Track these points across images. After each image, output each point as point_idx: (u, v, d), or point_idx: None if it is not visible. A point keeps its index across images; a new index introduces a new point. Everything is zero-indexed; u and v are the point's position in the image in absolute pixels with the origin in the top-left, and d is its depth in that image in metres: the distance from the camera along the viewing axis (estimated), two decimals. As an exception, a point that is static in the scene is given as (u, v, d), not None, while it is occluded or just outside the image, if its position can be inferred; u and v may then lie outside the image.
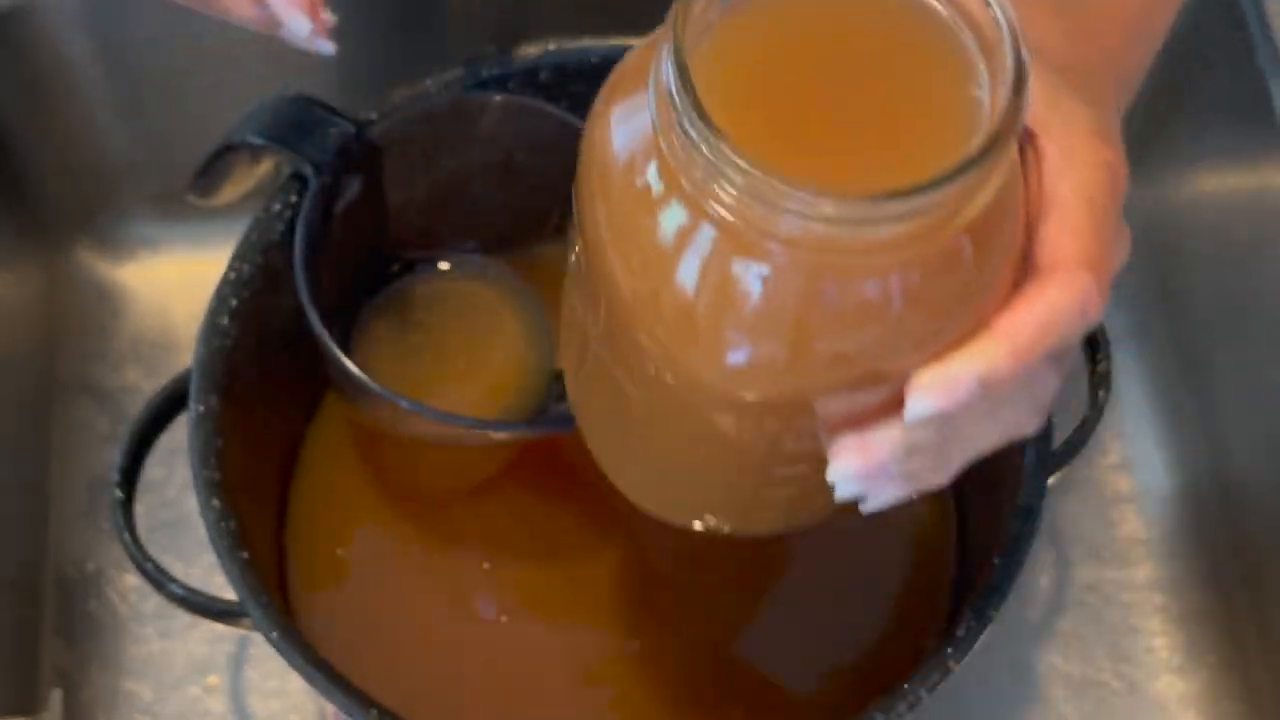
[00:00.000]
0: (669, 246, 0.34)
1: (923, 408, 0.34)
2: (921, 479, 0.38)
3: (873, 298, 0.34)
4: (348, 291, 0.57)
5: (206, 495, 0.50)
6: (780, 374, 0.35)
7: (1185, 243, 0.70)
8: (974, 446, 0.38)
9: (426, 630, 0.57)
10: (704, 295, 0.34)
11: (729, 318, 0.34)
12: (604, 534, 0.58)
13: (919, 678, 0.47)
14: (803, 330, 0.34)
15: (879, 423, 0.36)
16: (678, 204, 0.34)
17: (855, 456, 0.36)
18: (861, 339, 0.34)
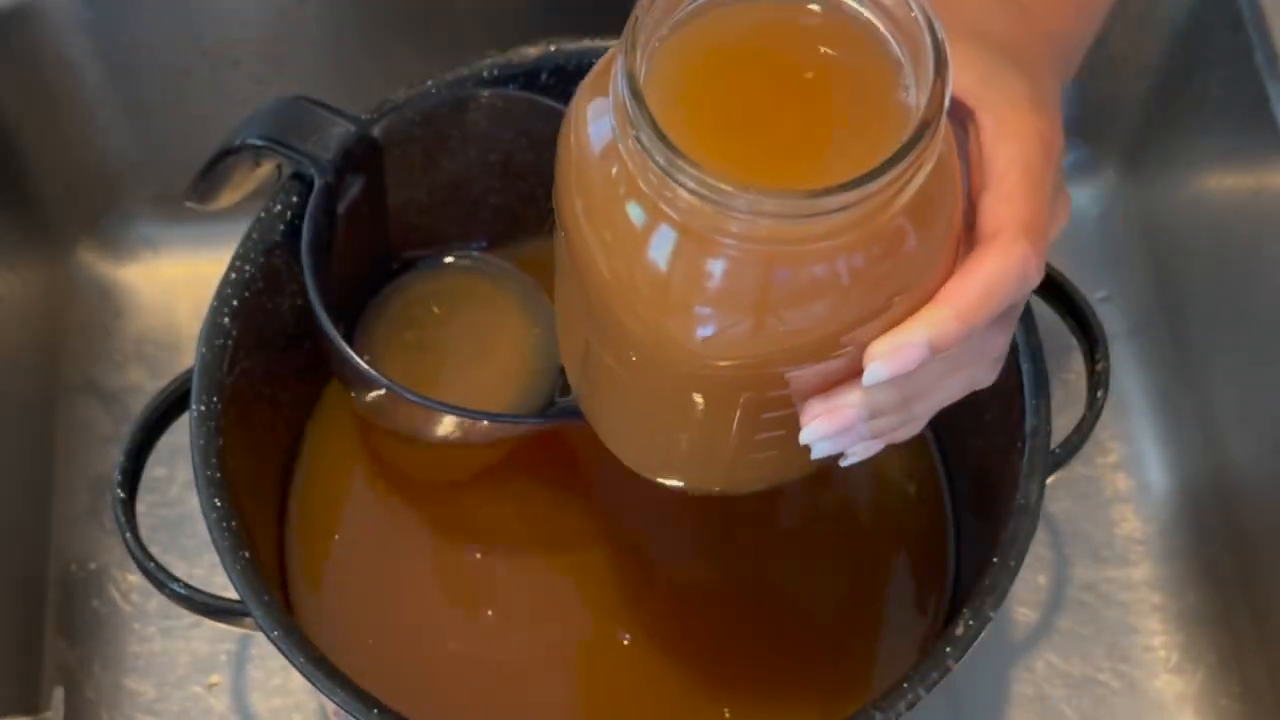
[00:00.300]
0: (637, 238, 0.37)
1: (878, 373, 0.38)
2: (891, 434, 0.41)
3: (824, 279, 0.37)
4: (351, 290, 0.57)
5: (208, 495, 0.50)
6: (746, 350, 0.38)
7: (1184, 243, 0.70)
8: (935, 401, 0.41)
9: (428, 628, 0.57)
10: (672, 280, 0.37)
11: (696, 299, 0.37)
12: (607, 530, 0.59)
13: (918, 676, 0.47)
14: (763, 310, 0.37)
15: (843, 388, 0.40)
16: (638, 203, 0.37)
17: (823, 420, 0.40)
18: (817, 316, 0.37)
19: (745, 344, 0.38)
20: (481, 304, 0.59)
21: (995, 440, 0.54)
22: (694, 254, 0.37)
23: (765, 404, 0.41)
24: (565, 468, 0.59)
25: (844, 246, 0.36)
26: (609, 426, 0.47)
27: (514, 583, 0.58)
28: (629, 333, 0.39)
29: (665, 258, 0.37)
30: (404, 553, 0.58)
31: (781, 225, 0.35)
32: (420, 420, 0.54)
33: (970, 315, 0.38)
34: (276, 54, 0.69)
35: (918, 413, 0.41)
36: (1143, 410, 0.70)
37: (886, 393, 0.39)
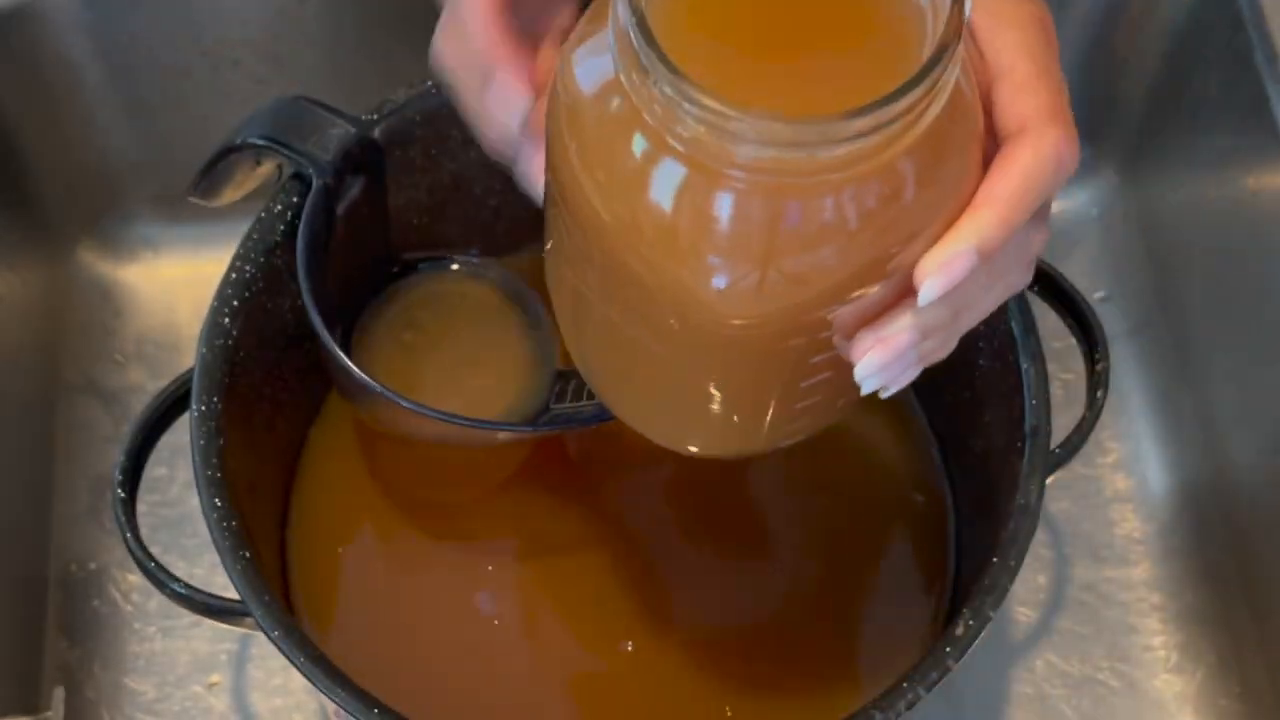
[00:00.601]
0: (641, 176, 0.36)
1: (932, 290, 0.37)
2: (933, 355, 0.40)
3: (864, 207, 0.36)
4: (349, 292, 0.57)
5: (208, 495, 0.50)
6: (789, 296, 0.37)
7: (1183, 243, 0.70)
8: (978, 313, 0.40)
9: (428, 629, 0.57)
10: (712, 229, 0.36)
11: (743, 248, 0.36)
12: (605, 533, 0.59)
13: (918, 676, 0.47)
14: (808, 247, 0.36)
15: (891, 315, 0.38)
16: (643, 137, 0.36)
17: (877, 351, 0.39)
18: (861, 246, 0.36)
19: (787, 291, 0.37)
20: (480, 307, 0.59)
21: (995, 440, 0.54)
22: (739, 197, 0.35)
23: (810, 349, 0.40)
24: (564, 471, 0.59)
25: (873, 172, 0.35)
26: (629, 399, 0.46)
27: (514, 583, 0.58)
28: (669, 299, 0.38)
29: (673, 194, 0.36)
30: (404, 553, 0.58)
31: (813, 154, 0.34)
32: (414, 425, 0.54)
33: (1013, 214, 0.37)
34: (276, 54, 0.69)
35: (961, 327, 0.40)
36: (1143, 410, 0.70)
37: (937, 311, 0.39)
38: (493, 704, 0.56)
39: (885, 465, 0.61)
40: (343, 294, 0.55)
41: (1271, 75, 0.62)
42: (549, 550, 0.58)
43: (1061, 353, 0.68)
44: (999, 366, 0.54)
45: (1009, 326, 0.53)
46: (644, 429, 0.47)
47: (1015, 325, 0.53)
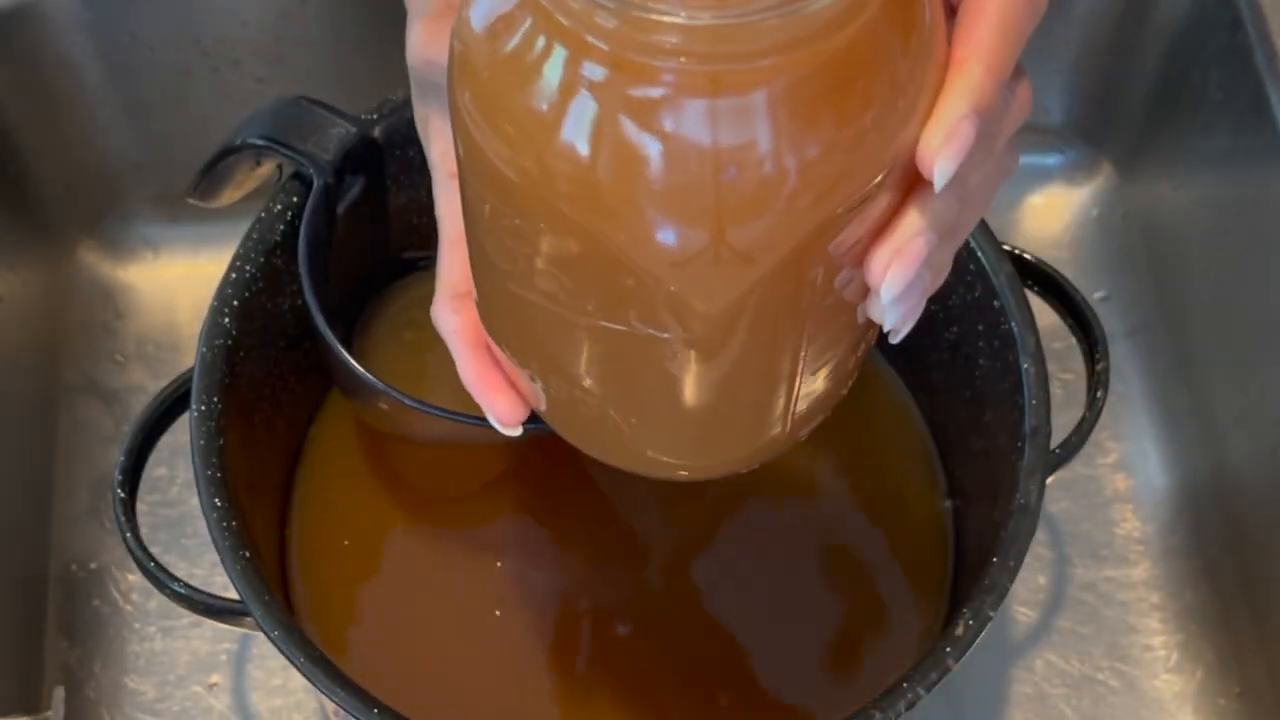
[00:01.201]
0: (564, 100, 0.31)
1: (948, 167, 0.33)
2: (939, 276, 0.37)
3: (841, 88, 0.32)
4: (350, 291, 0.57)
5: (208, 495, 0.50)
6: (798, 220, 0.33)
7: (1183, 244, 0.70)
8: (980, 206, 0.38)
9: (429, 628, 0.57)
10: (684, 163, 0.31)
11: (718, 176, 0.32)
12: (606, 529, 0.59)
13: (918, 676, 0.47)
14: (796, 147, 0.31)
15: (899, 222, 0.35)
16: (560, 46, 0.31)
17: (898, 264, 0.35)
18: (852, 133, 0.32)
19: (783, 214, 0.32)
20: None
21: (995, 440, 0.54)
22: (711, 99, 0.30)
23: (819, 294, 0.35)
24: (564, 468, 0.59)
25: (853, 39, 0.31)
26: (637, 420, 0.40)
27: (513, 582, 0.58)
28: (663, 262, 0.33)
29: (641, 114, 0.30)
30: (404, 552, 0.58)
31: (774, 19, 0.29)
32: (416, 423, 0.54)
33: (997, 64, 0.34)
34: (276, 54, 0.69)
35: (963, 229, 0.37)
36: (1143, 410, 0.70)
37: (946, 201, 0.35)
38: (493, 701, 0.56)
39: (885, 465, 0.61)
40: (343, 293, 0.55)
41: (1271, 75, 0.62)
42: (551, 547, 0.58)
43: (1061, 353, 0.68)
44: (999, 366, 0.54)
45: (1009, 326, 0.53)
46: (645, 459, 0.42)
47: (1015, 325, 0.53)
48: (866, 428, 0.61)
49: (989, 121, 0.35)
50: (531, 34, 0.32)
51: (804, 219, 0.33)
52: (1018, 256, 0.56)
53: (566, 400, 0.41)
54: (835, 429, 0.61)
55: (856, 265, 0.35)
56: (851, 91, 0.32)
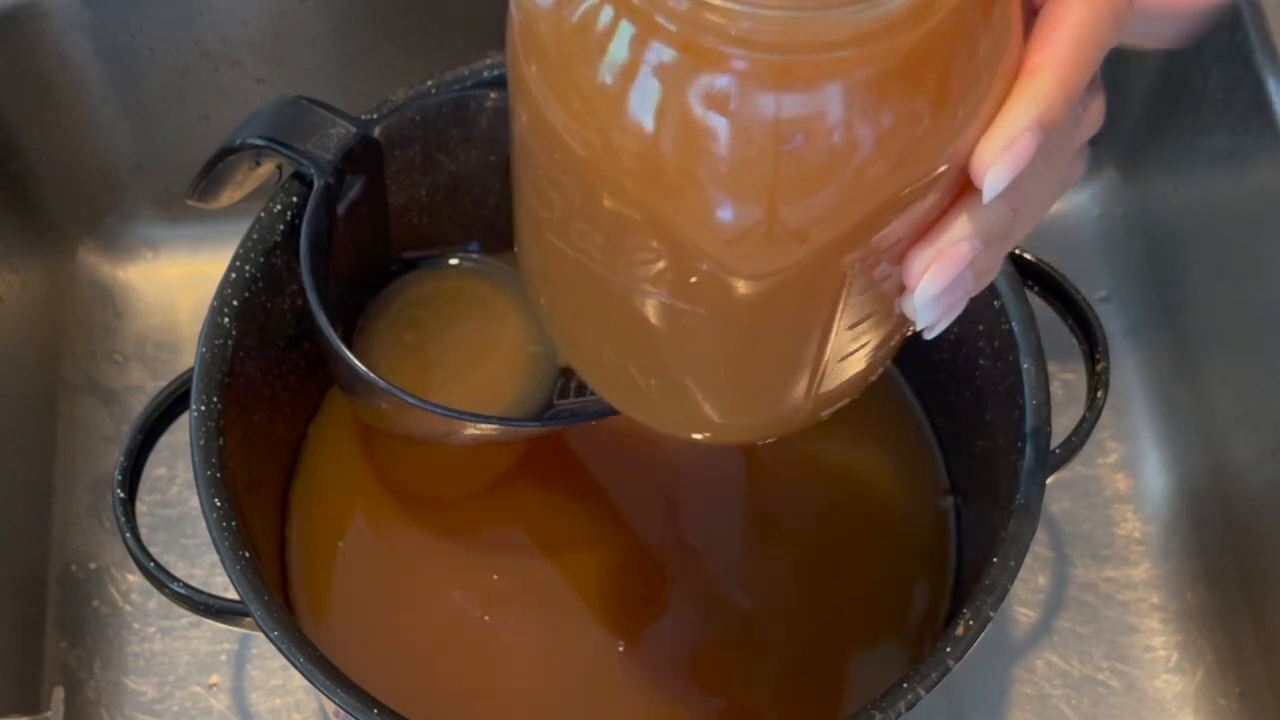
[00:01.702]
0: (629, 78, 0.31)
1: (999, 180, 0.32)
2: (984, 276, 0.36)
3: (906, 87, 0.31)
4: (350, 291, 0.57)
5: (208, 495, 0.50)
6: (839, 210, 0.32)
7: (1183, 243, 0.70)
8: (1034, 213, 0.36)
9: (429, 629, 0.57)
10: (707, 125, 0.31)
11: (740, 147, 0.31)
12: (607, 531, 0.59)
13: (918, 676, 0.47)
14: (855, 140, 0.31)
15: (945, 224, 0.34)
16: (629, 24, 0.31)
17: (937, 269, 0.34)
18: (912, 131, 0.32)
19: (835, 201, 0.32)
20: (481, 305, 0.59)
21: (995, 440, 0.54)
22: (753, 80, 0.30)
23: (858, 276, 0.35)
24: (565, 469, 0.59)
25: (916, 41, 0.30)
26: (633, 385, 0.40)
27: (514, 583, 0.58)
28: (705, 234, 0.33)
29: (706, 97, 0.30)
30: (405, 553, 0.58)
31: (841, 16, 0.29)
32: (417, 422, 0.54)
33: (1070, 77, 0.32)
34: (276, 54, 0.69)
35: (1016, 234, 0.35)
36: (1143, 410, 0.70)
37: (997, 210, 0.34)
38: (493, 700, 0.56)
39: (885, 465, 0.61)
40: (343, 293, 0.55)
41: (1271, 75, 0.61)
42: (550, 548, 0.58)
43: (1061, 353, 0.68)
44: (999, 366, 0.54)
45: (1009, 326, 0.53)
46: (667, 418, 0.42)
47: (1015, 325, 0.53)
48: (867, 427, 0.61)
49: (1054, 136, 0.33)
50: (598, 9, 0.31)
51: (852, 212, 0.32)
52: (1018, 256, 0.56)
53: (593, 351, 0.41)
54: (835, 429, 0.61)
55: (898, 261, 0.35)
56: (918, 90, 0.31)
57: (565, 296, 0.40)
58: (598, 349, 0.41)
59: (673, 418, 0.42)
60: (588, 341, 0.41)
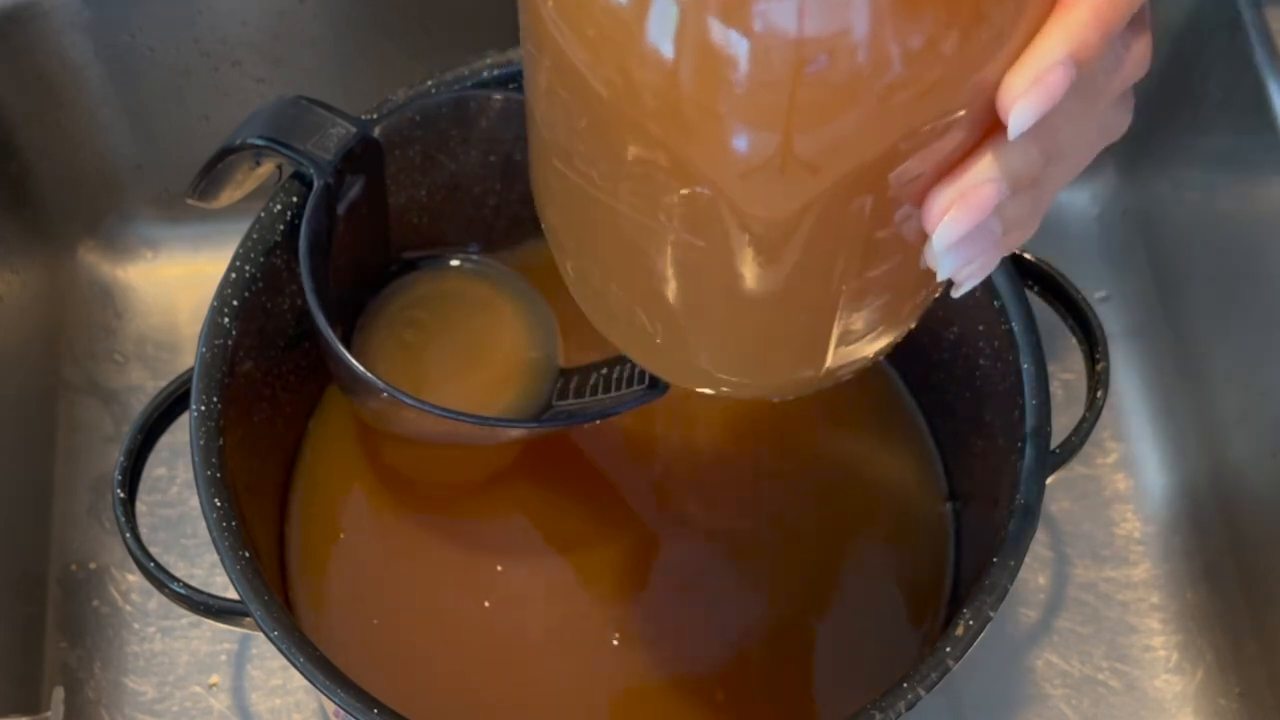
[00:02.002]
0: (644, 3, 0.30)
1: (1025, 115, 0.30)
2: (1016, 233, 0.34)
3: (937, 6, 0.30)
4: (350, 291, 0.57)
5: (208, 495, 0.50)
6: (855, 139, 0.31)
7: (1183, 243, 0.70)
8: (1071, 163, 0.34)
9: (429, 628, 0.57)
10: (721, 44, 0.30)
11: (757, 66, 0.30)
12: (608, 529, 0.59)
13: (918, 676, 0.47)
14: (879, 57, 0.30)
15: (969, 164, 0.32)
16: None
17: (958, 211, 0.32)
18: (934, 62, 0.30)
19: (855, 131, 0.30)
20: (481, 306, 0.59)
21: (995, 440, 0.54)
22: None
23: (875, 216, 0.33)
24: (565, 468, 0.59)
25: None
26: (641, 330, 0.39)
27: (514, 583, 0.58)
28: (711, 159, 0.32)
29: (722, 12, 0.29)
30: (404, 553, 0.58)
31: None
32: (417, 423, 0.54)
33: (1108, 11, 0.30)
34: (276, 54, 0.69)
35: (1050, 186, 0.34)
36: (1142, 410, 0.70)
37: (1025, 152, 0.32)
38: (493, 700, 0.56)
39: (885, 465, 0.61)
40: (343, 293, 0.55)
41: (1271, 75, 0.61)
42: (550, 548, 0.58)
43: (1061, 353, 0.68)
44: (999, 366, 0.54)
45: (1009, 326, 0.53)
46: (677, 367, 0.41)
47: (1015, 325, 0.53)
48: (866, 428, 0.61)
49: (1090, 74, 0.31)
50: None
51: (872, 144, 0.31)
52: (1018, 256, 0.56)
53: (600, 291, 0.40)
54: (835, 429, 0.61)
55: (918, 204, 0.33)
56: (949, 10, 0.30)
57: (576, 232, 0.39)
58: (606, 288, 0.39)
59: (680, 367, 0.41)
60: (597, 281, 0.39)
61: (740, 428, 0.61)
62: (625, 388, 0.53)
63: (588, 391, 0.55)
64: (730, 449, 0.60)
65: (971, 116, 0.32)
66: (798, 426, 0.61)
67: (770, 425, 0.61)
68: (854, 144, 0.31)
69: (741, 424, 0.61)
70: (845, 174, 0.32)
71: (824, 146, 0.31)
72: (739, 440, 0.61)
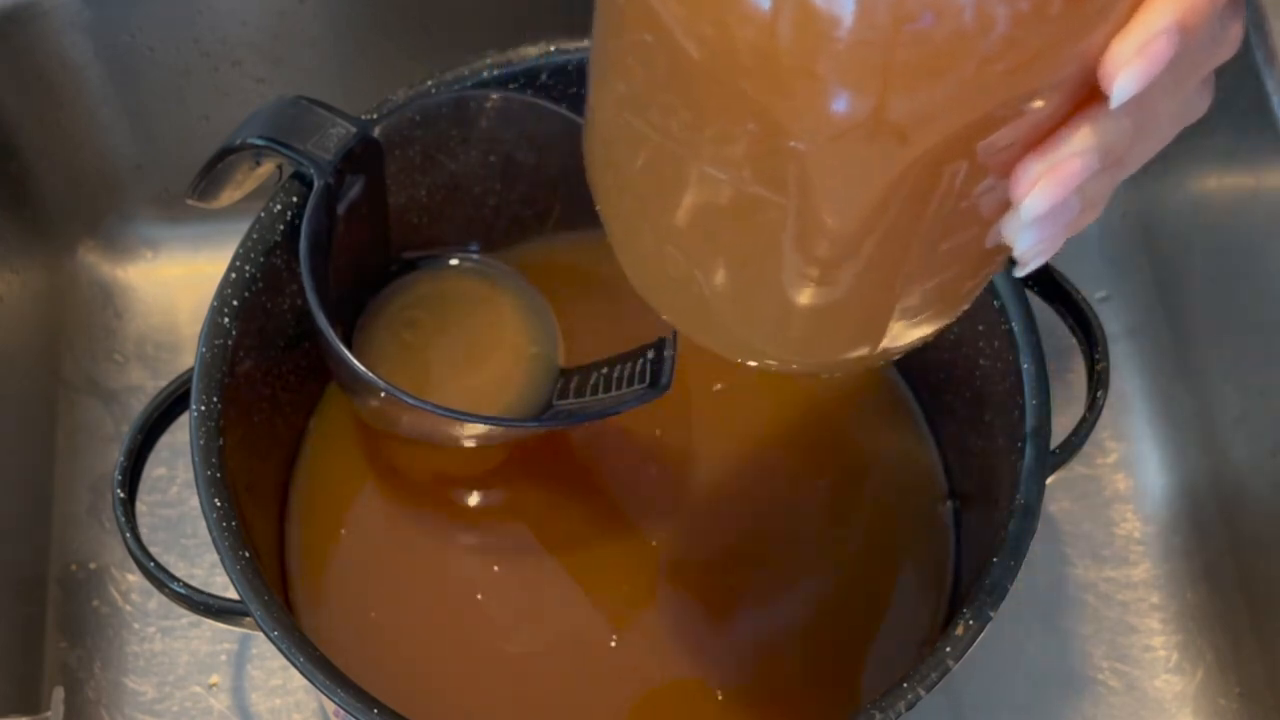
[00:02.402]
0: None
1: (1131, 83, 0.30)
2: (1093, 207, 0.33)
3: None
4: (350, 291, 0.57)
5: (208, 495, 0.50)
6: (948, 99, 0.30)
7: (1184, 243, 0.70)
8: (1151, 145, 0.33)
9: (429, 627, 0.57)
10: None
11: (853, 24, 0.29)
12: (608, 529, 0.59)
13: (918, 676, 0.47)
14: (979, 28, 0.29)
15: (1065, 133, 0.31)
16: None
17: (1048, 185, 0.31)
18: (1039, 25, 0.29)
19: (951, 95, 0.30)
20: (481, 305, 0.59)
21: (995, 440, 0.54)
22: None
23: (961, 186, 0.33)
24: (565, 468, 0.59)
25: None
26: (697, 294, 0.38)
27: (514, 583, 0.58)
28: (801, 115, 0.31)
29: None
30: (405, 553, 0.58)
31: None
32: (417, 422, 0.54)
33: None
34: (276, 54, 0.69)
35: (1129, 163, 0.33)
36: (1142, 410, 0.70)
37: (1119, 125, 0.31)
38: (494, 700, 0.56)
39: (885, 465, 0.61)
40: (343, 293, 0.55)
41: (1271, 75, 0.61)
42: (550, 548, 0.58)
43: (1061, 353, 0.68)
44: (999, 366, 0.54)
45: (1009, 326, 0.53)
46: (727, 337, 0.40)
47: (1015, 325, 0.53)
48: (867, 428, 0.61)
49: (1191, 48, 0.31)
50: None
51: (966, 111, 0.31)
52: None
53: (654, 255, 0.39)
54: (835, 429, 0.61)
55: (1003, 175, 0.33)
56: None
57: (639, 191, 0.38)
58: (662, 250, 0.38)
59: (730, 337, 0.40)
60: (653, 243, 0.39)
61: (740, 428, 0.61)
62: (625, 388, 0.53)
63: (588, 391, 0.55)
64: (730, 449, 0.60)
65: (1070, 85, 0.31)
66: (798, 426, 0.61)
67: (770, 425, 0.61)
68: (948, 110, 0.31)
69: (742, 424, 0.61)
70: (937, 140, 0.31)
71: (920, 110, 0.31)
72: (739, 440, 0.61)
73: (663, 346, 0.52)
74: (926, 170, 0.32)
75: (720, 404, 0.61)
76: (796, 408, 0.61)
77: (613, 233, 0.40)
